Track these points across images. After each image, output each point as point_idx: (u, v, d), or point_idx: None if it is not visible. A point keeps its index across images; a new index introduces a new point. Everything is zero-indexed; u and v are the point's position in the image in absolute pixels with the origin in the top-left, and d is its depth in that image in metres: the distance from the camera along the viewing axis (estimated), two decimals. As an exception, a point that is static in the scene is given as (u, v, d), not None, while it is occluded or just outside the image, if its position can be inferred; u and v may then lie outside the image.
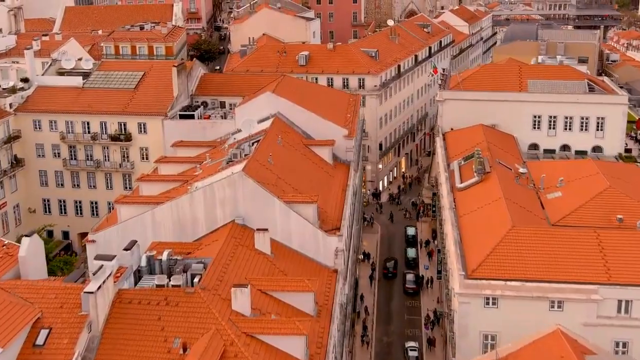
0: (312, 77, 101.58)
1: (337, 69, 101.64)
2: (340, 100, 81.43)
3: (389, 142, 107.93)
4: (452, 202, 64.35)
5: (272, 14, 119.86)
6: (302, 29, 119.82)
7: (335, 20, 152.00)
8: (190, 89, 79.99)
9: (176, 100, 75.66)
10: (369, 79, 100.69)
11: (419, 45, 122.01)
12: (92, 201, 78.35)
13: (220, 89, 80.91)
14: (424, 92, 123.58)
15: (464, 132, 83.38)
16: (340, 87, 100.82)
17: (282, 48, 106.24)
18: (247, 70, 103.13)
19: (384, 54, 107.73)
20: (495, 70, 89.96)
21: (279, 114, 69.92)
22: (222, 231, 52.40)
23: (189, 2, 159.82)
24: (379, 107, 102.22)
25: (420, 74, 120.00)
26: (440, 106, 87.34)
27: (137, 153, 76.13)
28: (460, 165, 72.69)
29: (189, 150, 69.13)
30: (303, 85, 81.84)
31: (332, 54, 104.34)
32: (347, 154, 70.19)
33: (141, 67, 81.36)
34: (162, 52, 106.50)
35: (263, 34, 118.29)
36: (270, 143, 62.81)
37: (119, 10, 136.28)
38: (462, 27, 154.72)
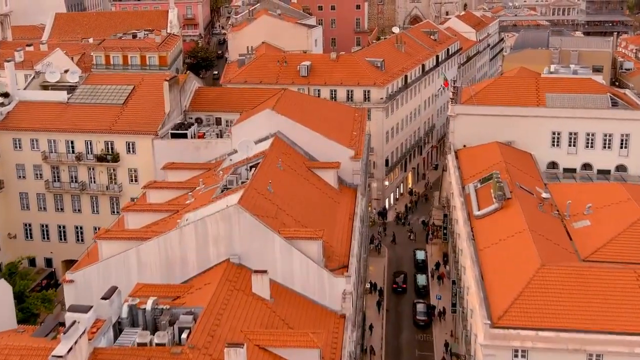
0: (314, 88, 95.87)
1: (341, 80, 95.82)
2: (345, 116, 75.56)
3: (395, 157, 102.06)
4: (470, 233, 58.41)
5: (271, 21, 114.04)
6: (303, 37, 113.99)
7: (338, 27, 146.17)
8: (184, 105, 74.12)
9: (168, 117, 69.77)
10: (375, 91, 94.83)
11: (426, 53, 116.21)
12: (77, 226, 72.39)
13: (215, 104, 75.03)
14: (431, 102, 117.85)
15: (479, 150, 77.55)
16: (344, 100, 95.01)
17: (282, 58, 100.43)
18: (245, 81, 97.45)
19: (390, 64, 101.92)
20: (511, 83, 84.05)
21: (279, 133, 64.14)
22: (216, 272, 46.58)
23: (186, 8, 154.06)
24: (385, 121, 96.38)
25: (427, 84, 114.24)
26: (452, 121, 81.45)
27: (126, 175, 70.23)
28: (477, 189, 66.79)
29: (180, 174, 63.30)
30: (305, 100, 76.00)
31: (335, 64, 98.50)
32: (353, 176, 64.35)
33: (131, 81, 75.48)
34: (156, 62, 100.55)
35: (262, 42, 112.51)
36: (269, 167, 56.98)
37: (112, 17, 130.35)
38: (469, 34, 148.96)
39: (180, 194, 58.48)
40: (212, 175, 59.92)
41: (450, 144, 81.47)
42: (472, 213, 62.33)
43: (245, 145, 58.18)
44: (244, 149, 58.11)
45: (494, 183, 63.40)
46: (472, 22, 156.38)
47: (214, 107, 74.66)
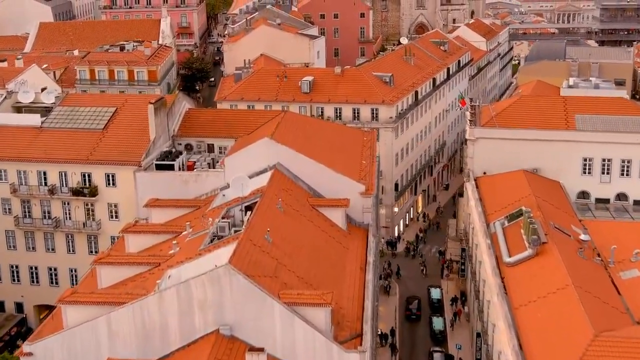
0: (317, 106, 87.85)
1: (346, 97, 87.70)
2: (353, 142, 67.51)
3: (405, 181, 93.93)
4: (501, 285, 50.19)
5: (270, 31, 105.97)
6: (305, 49, 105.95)
7: (341, 36, 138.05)
8: (172, 129, 65.99)
9: (153, 144, 61.61)
10: (384, 109, 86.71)
11: (437, 66, 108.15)
12: (51, 267, 64.15)
13: (207, 128, 66.85)
14: (442, 118, 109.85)
15: (502, 179, 69.48)
16: (350, 119, 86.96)
17: (282, 72, 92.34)
18: (241, 97, 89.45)
19: (399, 79, 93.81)
20: (536, 103, 75.90)
21: (279, 165, 56.11)
22: (202, 346, 38.60)
23: (180, 16, 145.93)
24: (394, 142, 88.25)
25: (438, 99, 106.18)
26: (471, 146, 73.31)
27: (105, 210, 62.02)
28: (505, 227, 58.64)
29: (166, 212, 55.18)
30: (308, 124, 67.86)
31: (340, 79, 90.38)
32: (364, 215, 56.31)
33: (113, 102, 67.31)
34: (144, 77, 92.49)
35: (261, 54, 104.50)
36: (267, 209, 48.88)
37: (100, 26, 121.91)
38: (479, 43, 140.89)
39: (164, 239, 50.47)
40: (201, 217, 51.77)
41: (469, 170, 73.31)
42: (502, 258, 54.16)
43: (240, 182, 49.98)
44: (238, 186, 49.91)
45: (525, 222, 55.22)
46: (482, 30, 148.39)
47: (206, 132, 66.52)
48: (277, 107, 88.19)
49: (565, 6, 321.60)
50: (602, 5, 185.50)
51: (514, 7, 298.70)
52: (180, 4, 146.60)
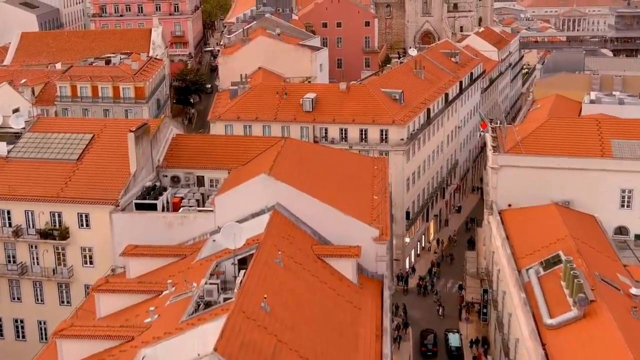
0: (320, 127, 79.96)
1: (353, 116, 79.70)
2: (362, 171, 59.45)
3: (416, 207, 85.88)
4: (543, 354, 42.04)
5: (269, 42, 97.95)
6: (307, 61, 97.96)
7: (344, 46, 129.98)
8: (157, 159, 57.88)
9: (133, 179, 53.53)
10: (394, 130, 78.66)
11: (449, 80, 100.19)
12: (17, 319, 55.82)
13: (197, 157, 58.66)
14: (454, 136, 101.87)
15: (531, 214, 61.41)
16: (357, 141, 79.01)
17: (281, 88, 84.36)
18: (237, 117, 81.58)
19: (410, 95, 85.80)
20: (567, 126, 67.75)
21: (278, 206, 48.06)
22: None
23: (174, 25, 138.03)
24: (405, 166, 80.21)
25: (450, 115, 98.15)
26: (494, 175, 65.15)
27: (78, 255, 53.83)
28: (540, 277, 50.56)
29: (146, 262, 47.20)
30: (311, 153, 59.70)
31: (346, 96, 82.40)
32: (377, 264, 48.23)
33: (89, 127, 59.18)
34: (131, 93, 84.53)
35: (259, 67, 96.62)
36: (265, 266, 40.82)
37: (87, 37, 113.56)
38: (491, 53, 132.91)
39: (141, 300, 42.43)
40: (186, 273, 43.72)
41: (492, 202, 65.19)
42: (540, 317, 46.02)
43: (232, 232, 41.88)
44: (230, 237, 41.83)
45: (566, 274, 47.09)
46: (492, 39, 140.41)
47: (195, 162, 58.38)
48: (277, 127, 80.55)
49: (571, 11, 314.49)
50: (618, 12, 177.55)
51: (520, 12, 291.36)
52: (174, 12, 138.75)
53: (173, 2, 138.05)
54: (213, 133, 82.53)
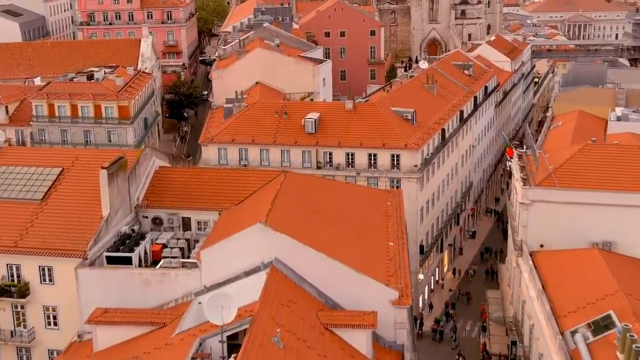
0: (324, 151, 71.85)
1: (360, 139, 71.58)
2: (374, 210, 51.31)
3: (430, 238, 77.74)
4: None
5: (268, 55, 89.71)
6: (309, 75, 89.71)
7: (348, 57, 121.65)
8: (135, 197, 49.65)
9: (105, 224, 45.31)
10: (407, 155, 70.46)
11: (463, 95, 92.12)
12: (-31, 388, 47.96)
13: (183, 194, 50.39)
14: (469, 155, 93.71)
15: (570, 259, 53.28)
16: (365, 167, 70.91)
17: (281, 107, 76.26)
18: (232, 139, 73.59)
19: (423, 114, 77.69)
20: (607, 153, 59.43)
21: (277, 262, 39.83)
22: None
23: (166, 33, 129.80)
24: (419, 194, 72.01)
25: (465, 134, 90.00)
26: (524, 211, 56.89)
27: (40, 315, 45.57)
28: (590, 344, 42.33)
29: (117, 332, 38.92)
30: (314, 189, 51.40)
31: (352, 116, 74.27)
32: (396, 332, 40.00)
33: (59, 160, 50.93)
34: (114, 113, 76.42)
35: (256, 82, 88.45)
36: (260, 348, 32.63)
37: (71, 48, 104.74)
38: (503, 63, 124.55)
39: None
40: (163, 348, 35.52)
41: (522, 242, 56.91)
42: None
43: (219, 304, 33.68)
44: (216, 310, 33.64)
45: (625, 344, 38.87)
46: (505, 49, 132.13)
47: (180, 200, 50.12)
48: (276, 151, 72.57)
49: (576, 17, 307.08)
50: (635, 19, 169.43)
51: (526, 18, 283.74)
52: (166, 20, 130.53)
53: (166, 10, 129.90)
54: (205, 157, 74.55)
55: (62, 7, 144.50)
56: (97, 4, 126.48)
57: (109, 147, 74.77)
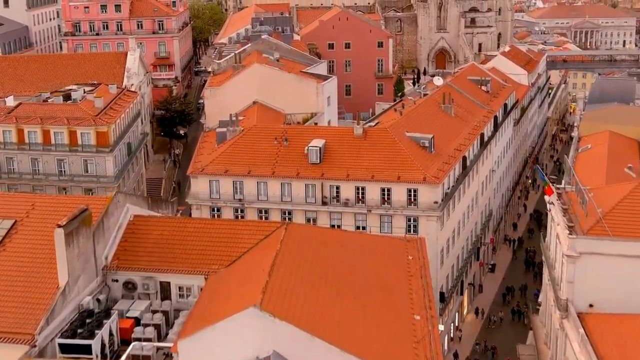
0: (330, 184, 62.80)
1: (372, 171, 62.52)
2: (393, 268, 42.25)
3: (450, 282, 68.73)
4: None
5: (266, 71, 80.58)
6: (312, 94, 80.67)
7: (354, 70, 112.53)
8: (103, 256, 40.52)
9: (62, 297, 36.18)
10: (426, 191, 61.35)
11: (482, 115, 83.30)
12: None
13: (162, 251, 41.22)
14: (489, 181, 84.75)
15: (630, 326, 44.08)
16: (377, 203, 61.92)
17: (281, 133, 67.36)
18: (225, 171, 64.58)
19: (441, 139, 68.74)
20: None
21: (276, 356, 30.72)
22: None
23: (158, 45, 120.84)
24: (439, 234, 62.88)
25: (485, 159, 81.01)
26: (571, 265, 47.76)
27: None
28: None
29: None
30: (321, 245, 42.25)
31: (362, 143, 65.27)
32: None
33: (13, 209, 41.86)
34: (91, 140, 67.45)
35: (253, 101, 79.46)
36: None
37: (50, 62, 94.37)
38: (520, 76, 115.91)
39: None
40: None
41: (567, 302, 47.80)
42: None
43: None
44: None
45: None
46: (521, 60, 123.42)
47: (158, 260, 40.93)
48: (275, 185, 63.67)
49: (583, 23, 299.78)
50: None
51: (533, 25, 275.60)
52: (158, 30, 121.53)
53: (157, 19, 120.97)
54: (194, 191, 65.47)
55: (48, 16, 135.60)
56: (82, 13, 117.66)
57: (85, 178, 66.22)
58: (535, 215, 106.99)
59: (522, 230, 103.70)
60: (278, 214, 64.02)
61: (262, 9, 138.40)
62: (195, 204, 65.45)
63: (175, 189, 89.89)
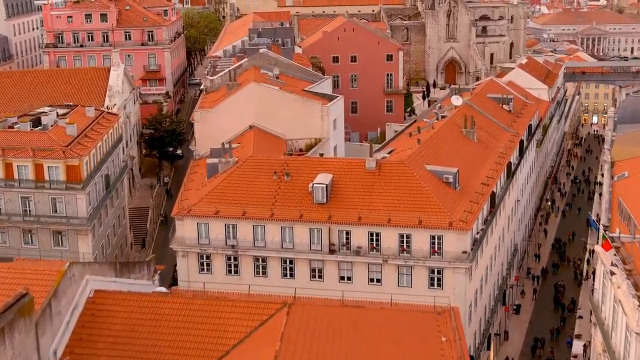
0: (339, 229, 53.49)
1: (388, 214, 53.13)
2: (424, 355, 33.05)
3: (478, 338, 59.20)
4: None
5: (264, 91, 71.03)
6: (316, 116, 71.18)
7: (361, 86, 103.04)
8: (51, 350, 31.17)
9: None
10: (452, 238, 51.93)
11: (507, 139, 73.93)
12: None
13: (129, 342, 32.00)
14: (513, 214, 75.43)
15: None
16: (395, 252, 52.46)
17: (281, 166, 58.02)
18: (216, 212, 55.22)
19: (466, 171, 59.44)
20: None
21: None
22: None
23: (147, 57, 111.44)
24: (468, 287, 53.41)
25: (511, 190, 71.65)
26: None
27: None
28: None
29: None
30: (332, 333, 32.88)
31: (376, 179, 55.88)
32: None
33: None
34: (60, 175, 58.04)
35: (250, 126, 70.11)
36: None
37: (22, 79, 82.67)
38: (540, 91, 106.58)
39: None
40: None
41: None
42: None
43: None
44: None
45: None
46: (540, 73, 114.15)
47: (123, 354, 31.51)
48: (274, 229, 54.50)
49: (590, 29, 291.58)
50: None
51: (541, 32, 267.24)
52: (147, 41, 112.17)
53: (146, 30, 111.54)
54: (179, 235, 56.15)
55: (29, 26, 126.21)
56: (65, 23, 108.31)
57: (54, 219, 57.15)
58: (557, 245, 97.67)
59: (544, 260, 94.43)
60: (277, 263, 54.72)
61: (260, 17, 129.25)
62: (180, 251, 56.16)
63: (163, 222, 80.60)
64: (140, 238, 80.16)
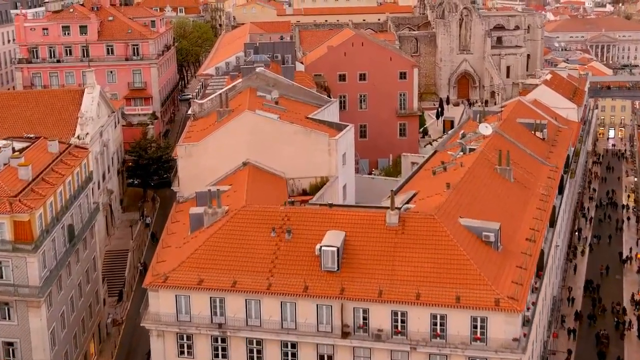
0: (354, 307, 42.22)
1: (417, 287, 41.91)
2: None
3: None
4: None
5: (261, 122, 59.68)
6: (322, 151, 59.84)
7: (371, 107, 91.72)
8: None
9: None
10: (499, 321, 40.71)
11: (547, 176, 62.84)
12: None
13: None
14: (553, 262, 63.98)
15: None
16: (426, 337, 41.29)
17: (281, 219, 46.91)
18: (200, 281, 44.15)
19: (506, 223, 48.18)
20: None
21: None
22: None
23: (132, 73, 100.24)
24: (517, 381, 42.00)
25: (551, 237, 60.25)
26: None
27: None
28: None
29: None
30: None
31: (399, 238, 44.73)
32: None
33: None
34: (6, 234, 46.66)
35: (243, 162, 58.81)
36: None
37: None
38: (569, 111, 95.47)
39: None
40: None
41: None
42: None
43: None
44: None
45: None
46: (566, 90, 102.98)
47: None
48: (272, 305, 43.45)
49: (599, 37, 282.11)
50: None
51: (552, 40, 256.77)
52: (132, 56, 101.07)
53: (131, 43, 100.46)
54: (154, 311, 44.96)
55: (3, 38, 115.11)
56: (40, 36, 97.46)
57: None
58: (589, 287, 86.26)
59: (578, 305, 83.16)
60: (276, 348, 43.58)
61: (258, 27, 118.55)
62: (155, 330, 44.96)
63: (142, 271, 69.35)
64: (117, 289, 68.97)
